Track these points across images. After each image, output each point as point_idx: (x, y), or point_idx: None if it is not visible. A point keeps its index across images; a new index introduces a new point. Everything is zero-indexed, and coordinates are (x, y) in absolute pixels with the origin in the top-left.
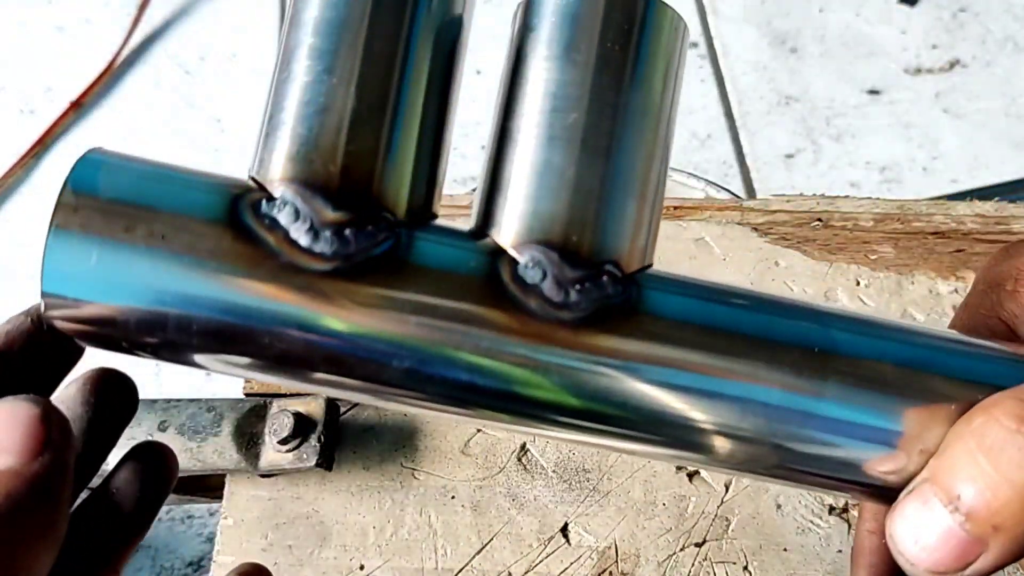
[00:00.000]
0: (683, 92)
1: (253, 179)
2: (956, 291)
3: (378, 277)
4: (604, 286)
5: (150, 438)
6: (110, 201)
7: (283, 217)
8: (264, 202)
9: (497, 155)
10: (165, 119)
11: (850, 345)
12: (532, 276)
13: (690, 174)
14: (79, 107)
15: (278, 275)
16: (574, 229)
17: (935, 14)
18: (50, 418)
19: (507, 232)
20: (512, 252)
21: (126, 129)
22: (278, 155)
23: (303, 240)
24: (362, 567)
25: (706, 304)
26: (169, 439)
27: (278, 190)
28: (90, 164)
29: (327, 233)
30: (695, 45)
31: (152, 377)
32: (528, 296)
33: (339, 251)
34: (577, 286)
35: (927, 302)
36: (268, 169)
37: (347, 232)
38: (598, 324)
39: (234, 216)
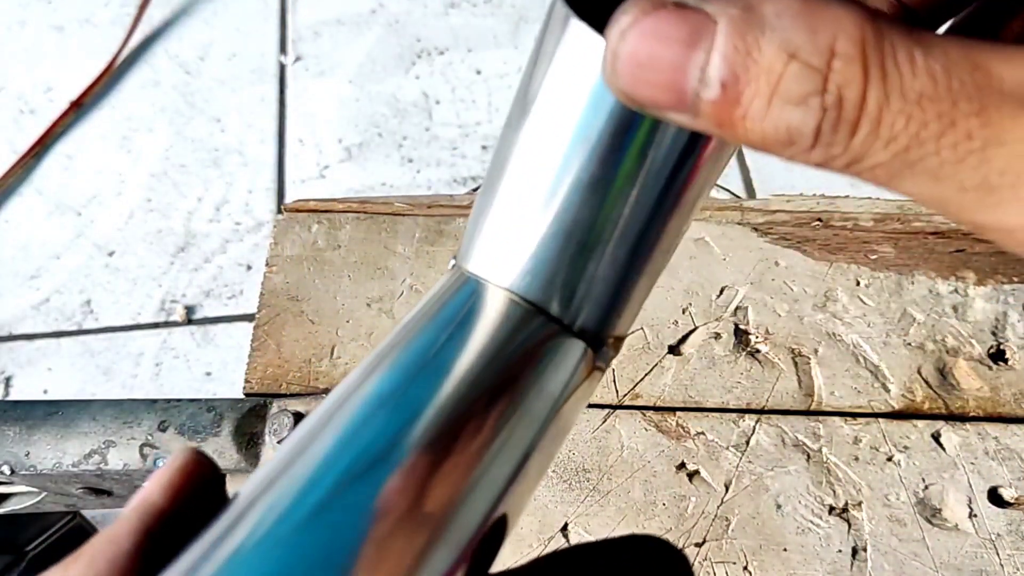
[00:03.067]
0: None
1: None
2: (956, 291)
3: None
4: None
5: (150, 438)
6: None
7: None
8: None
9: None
10: (165, 119)
11: None
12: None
13: None
14: (79, 107)
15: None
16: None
17: None
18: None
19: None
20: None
21: (126, 129)
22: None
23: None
24: None
25: None
26: (169, 439)
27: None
28: None
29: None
30: None
31: (152, 377)
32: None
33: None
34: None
35: (927, 302)
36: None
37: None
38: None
39: None
